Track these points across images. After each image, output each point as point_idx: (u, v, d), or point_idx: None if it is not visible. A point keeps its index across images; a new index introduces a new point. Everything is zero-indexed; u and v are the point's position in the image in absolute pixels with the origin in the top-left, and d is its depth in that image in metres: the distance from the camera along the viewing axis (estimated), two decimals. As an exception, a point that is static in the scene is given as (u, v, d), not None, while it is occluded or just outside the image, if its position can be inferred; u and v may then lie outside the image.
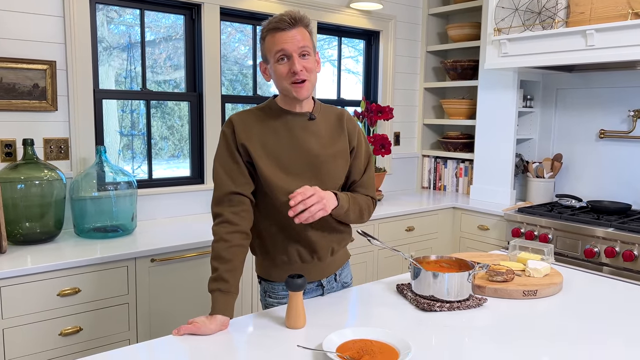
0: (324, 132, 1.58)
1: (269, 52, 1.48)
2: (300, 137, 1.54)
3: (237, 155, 1.51)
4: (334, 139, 1.59)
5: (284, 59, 1.46)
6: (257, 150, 1.51)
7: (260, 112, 1.57)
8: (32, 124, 2.41)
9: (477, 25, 3.74)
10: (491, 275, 1.70)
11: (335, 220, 1.61)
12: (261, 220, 1.59)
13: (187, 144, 3.00)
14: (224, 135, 1.53)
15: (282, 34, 1.45)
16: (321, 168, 1.55)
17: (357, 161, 1.65)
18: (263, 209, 1.58)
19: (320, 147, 1.55)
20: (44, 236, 2.27)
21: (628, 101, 3.14)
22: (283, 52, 1.45)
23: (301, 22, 1.47)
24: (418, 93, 4.07)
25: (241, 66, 3.23)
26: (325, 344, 1.24)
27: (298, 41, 1.45)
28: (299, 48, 1.45)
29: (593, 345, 1.33)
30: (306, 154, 1.54)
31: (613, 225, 2.72)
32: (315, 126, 1.57)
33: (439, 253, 3.47)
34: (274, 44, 1.46)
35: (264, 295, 1.68)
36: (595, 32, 2.63)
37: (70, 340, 2.06)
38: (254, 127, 1.53)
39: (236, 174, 1.51)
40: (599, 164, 3.29)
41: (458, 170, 3.91)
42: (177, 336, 1.35)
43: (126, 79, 2.84)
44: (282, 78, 1.47)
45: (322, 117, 1.60)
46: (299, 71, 1.45)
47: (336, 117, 1.63)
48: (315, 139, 1.56)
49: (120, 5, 2.71)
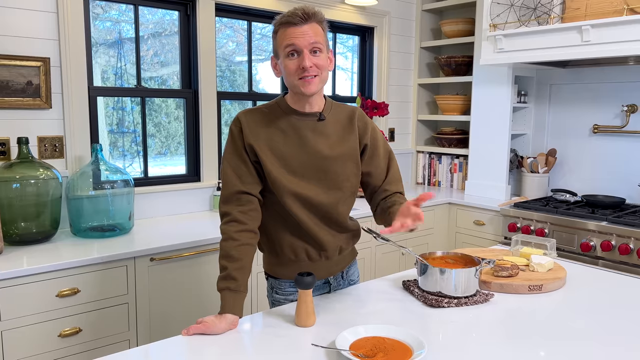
0: (333, 133, 1.54)
1: (279, 47, 1.45)
2: (308, 139, 1.50)
3: (245, 155, 1.49)
4: (343, 140, 1.55)
5: (294, 55, 1.43)
6: (264, 151, 1.48)
7: (269, 110, 1.53)
8: (25, 121, 2.37)
9: (471, 21, 3.75)
10: (496, 271, 1.71)
11: (345, 220, 1.60)
12: (269, 219, 1.57)
13: (174, 141, 2.96)
14: (232, 134, 1.51)
15: (293, 28, 1.41)
16: (329, 170, 1.53)
17: (376, 160, 1.61)
18: (271, 208, 1.56)
19: (328, 149, 1.52)
20: (40, 236, 2.23)
21: (621, 96, 3.17)
22: (293, 47, 1.41)
23: (314, 18, 1.43)
24: (412, 89, 4.07)
25: (229, 62, 3.19)
26: (339, 342, 1.23)
27: (310, 37, 1.41)
28: (310, 44, 1.41)
29: (601, 339, 1.34)
30: (314, 156, 1.51)
31: (609, 219, 2.75)
32: (325, 127, 1.53)
33: (435, 248, 3.49)
34: (284, 39, 1.42)
35: (271, 291, 1.67)
36: (591, 27, 2.64)
37: (69, 341, 2.03)
38: (261, 127, 1.50)
39: (244, 173, 1.49)
40: (592, 159, 3.32)
41: (452, 165, 3.93)
42: (186, 336, 1.33)
43: (116, 75, 2.80)
44: (291, 74, 1.44)
45: (332, 116, 1.56)
46: (309, 67, 1.41)
47: (347, 116, 1.58)
48: (323, 140, 1.52)
49: (116, 1, 2.67)
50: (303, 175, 1.51)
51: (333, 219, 1.57)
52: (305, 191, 1.51)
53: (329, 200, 1.54)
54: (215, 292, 2.44)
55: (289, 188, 1.49)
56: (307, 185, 1.51)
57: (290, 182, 1.50)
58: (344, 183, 1.56)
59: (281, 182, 1.49)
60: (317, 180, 1.52)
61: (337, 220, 1.58)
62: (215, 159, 3.02)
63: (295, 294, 1.64)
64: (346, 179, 1.56)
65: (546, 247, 1.93)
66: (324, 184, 1.53)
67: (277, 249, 1.59)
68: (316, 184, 1.52)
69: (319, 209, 1.54)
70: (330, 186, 1.54)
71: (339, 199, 1.56)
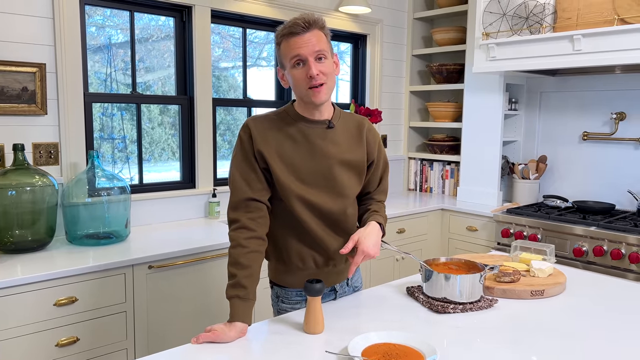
0: (342, 141, 1.55)
1: (284, 58, 1.45)
2: (318, 146, 1.51)
3: (254, 161, 1.49)
4: (352, 149, 1.56)
5: (300, 64, 1.43)
6: (274, 158, 1.48)
7: (277, 118, 1.53)
8: (20, 128, 2.33)
9: (462, 29, 3.80)
10: (499, 277, 1.73)
11: (353, 227, 1.62)
12: (277, 226, 1.57)
13: (157, 147, 2.93)
14: (241, 141, 1.51)
15: (296, 38, 1.42)
16: (336, 178, 1.54)
17: (375, 175, 1.65)
18: (279, 215, 1.56)
19: (338, 156, 1.53)
20: (35, 244, 2.20)
21: (609, 104, 3.24)
22: (298, 57, 1.42)
23: (316, 25, 1.43)
24: (404, 96, 4.11)
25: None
26: (351, 349, 1.23)
27: (313, 45, 1.42)
28: (314, 52, 1.42)
29: (605, 342, 1.36)
30: (323, 164, 1.52)
31: (600, 224, 2.80)
32: (334, 134, 1.54)
33: (429, 254, 3.51)
34: (289, 50, 1.43)
35: (276, 300, 1.66)
36: (582, 37, 2.70)
37: (67, 351, 2.00)
38: (270, 133, 1.50)
39: (253, 180, 1.49)
40: (582, 165, 3.38)
41: (444, 172, 3.96)
42: (196, 344, 1.32)
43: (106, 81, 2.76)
44: (299, 83, 1.44)
45: (341, 124, 1.57)
46: (316, 75, 1.41)
47: (356, 126, 1.60)
48: (333, 147, 1.53)
49: (110, 7, 2.65)
50: (312, 183, 1.52)
51: (341, 226, 1.58)
52: (314, 198, 1.51)
53: (337, 208, 1.55)
54: (214, 299, 2.42)
55: (298, 194, 1.50)
56: (316, 192, 1.52)
57: (299, 188, 1.50)
58: (348, 190, 1.58)
59: (290, 188, 1.49)
60: (325, 188, 1.53)
61: (345, 227, 1.59)
62: (210, 166, 3.00)
63: (301, 303, 1.63)
64: (350, 187, 1.58)
65: (545, 253, 1.96)
66: (331, 191, 1.54)
67: (285, 256, 1.59)
68: (324, 192, 1.53)
69: (328, 216, 1.55)
70: (337, 193, 1.55)
71: (346, 205, 1.58)
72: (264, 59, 3.40)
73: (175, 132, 2.97)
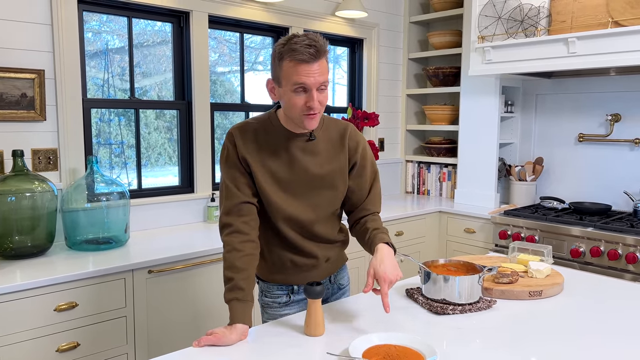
0: (322, 151, 1.56)
1: (285, 78, 1.42)
2: (297, 158, 1.53)
3: (241, 166, 1.52)
4: (333, 158, 1.57)
5: (301, 91, 1.42)
6: (257, 165, 1.52)
7: (259, 125, 1.55)
8: (20, 134, 2.34)
9: (458, 33, 3.82)
10: (497, 278, 1.74)
11: (332, 235, 1.66)
12: (260, 226, 1.60)
13: (154, 152, 2.93)
14: (227, 149, 1.54)
15: (304, 66, 1.38)
16: (317, 188, 1.56)
17: (361, 179, 1.63)
18: (262, 217, 1.59)
19: (317, 168, 1.55)
20: (35, 250, 2.20)
21: (604, 106, 3.26)
22: (303, 85, 1.41)
23: (324, 55, 1.42)
24: (400, 99, 4.13)
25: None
26: (352, 350, 1.25)
27: (319, 76, 1.40)
28: (319, 83, 1.41)
29: (604, 342, 1.38)
30: (302, 175, 1.54)
31: (597, 226, 2.82)
32: (315, 146, 1.55)
33: (427, 257, 3.52)
34: (293, 74, 1.40)
35: (261, 294, 1.72)
36: (577, 39, 2.73)
37: (67, 356, 2.00)
38: (252, 142, 1.53)
39: (242, 184, 1.52)
40: (578, 167, 3.41)
41: (441, 174, 3.98)
42: (197, 348, 1.33)
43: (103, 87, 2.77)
44: (296, 108, 1.44)
45: (323, 134, 1.58)
46: (315, 107, 1.43)
47: (339, 134, 1.60)
48: (312, 159, 1.54)
49: (108, 13, 2.66)
50: (291, 193, 1.55)
51: (320, 235, 1.62)
52: (291, 209, 1.55)
53: (317, 218, 1.59)
54: (214, 303, 2.43)
55: (279, 204, 1.54)
56: (297, 202, 1.55)
57: (281, 198, 1.54)
58: (332, 200, 1.60)
59: (272, 197, 1.53)
60: (305, 198, 1.56)
61: (324, 236, 1.63)
62: (208, 170, 3.01)
63: (283, 297, 1.68)
64: (335, 197, 1.61)
65: (543, 254, 1.97)
66: (312, 201, 1.57)
67: (266, 255, 1.65)
68: (305, 202, 1.56)
69: (306, 228, 1.59)
70: (315, 205, 1.58)
71: (327, 216, 1.62)
72: (260, 63, 3.42)
73: (171, 136, 2.98)
